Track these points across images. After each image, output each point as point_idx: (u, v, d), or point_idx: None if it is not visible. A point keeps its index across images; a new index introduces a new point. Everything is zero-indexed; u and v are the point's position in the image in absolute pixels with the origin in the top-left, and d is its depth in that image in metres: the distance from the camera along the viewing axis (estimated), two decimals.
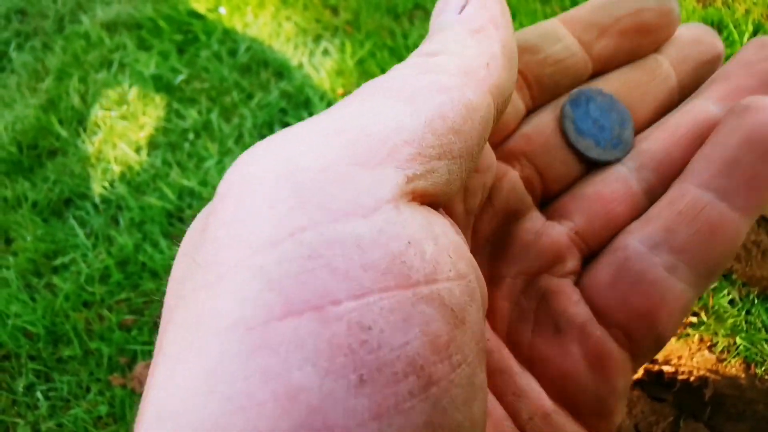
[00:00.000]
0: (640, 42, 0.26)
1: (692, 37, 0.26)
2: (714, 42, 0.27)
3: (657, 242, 0.22)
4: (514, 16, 1.61)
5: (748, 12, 1.53)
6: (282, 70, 1.59)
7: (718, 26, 1.52)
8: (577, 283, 0.24)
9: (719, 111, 0.24)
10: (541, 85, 0.26)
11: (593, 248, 0.24)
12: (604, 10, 0.25)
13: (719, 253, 0.21)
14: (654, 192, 0.24)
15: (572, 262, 0.24)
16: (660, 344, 0.22)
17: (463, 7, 0.21)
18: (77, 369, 1.10)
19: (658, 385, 1.22)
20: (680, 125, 0.24)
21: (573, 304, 0.23)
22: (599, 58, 0.26)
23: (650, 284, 0.21)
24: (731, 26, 1.48)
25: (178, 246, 0.18)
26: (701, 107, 0.24)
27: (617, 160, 0.25)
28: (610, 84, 0.27)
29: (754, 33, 1.48)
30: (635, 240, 0.22)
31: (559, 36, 0.25)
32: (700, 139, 0.23)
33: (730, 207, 0.21)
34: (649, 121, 0.27)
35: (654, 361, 1.19)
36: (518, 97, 0.26)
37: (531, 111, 0.27)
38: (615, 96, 0.26)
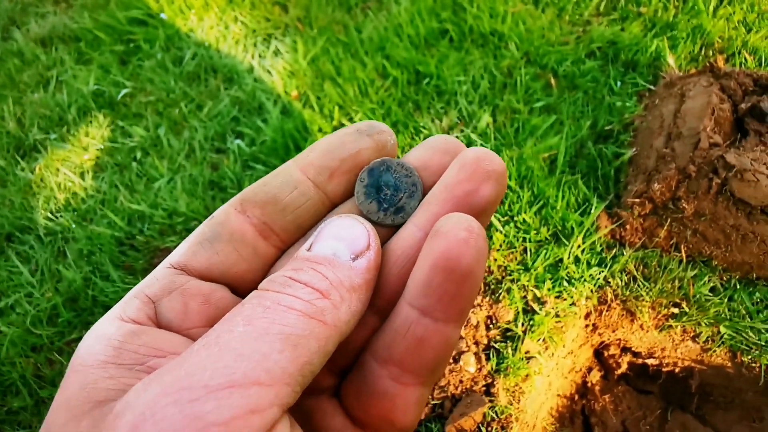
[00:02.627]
0: None
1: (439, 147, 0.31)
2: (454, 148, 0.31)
3: (384, 358, 0.27)
4: (472, 1, 1.53)
5: None
6: (232, 76, 1.50)
7: None
8: (336, 394, 0.29)
9: (423, 235, 0.28)
10: (286, 231, 0.30)
11: (343, 366, 0.29)
12: (330, 154, 0.30)
13: (431, 358, 0.26)
14: (382, 311, 0.28)
15: (327, 380, 0.29)
16: None
17: (357, 256, 0.26)
18: (29, 420, 1.02)
19: (643, 378, 1.18)
20: (395, 250, 0.28)
21: (329, 416, 0.28)
22: (334, 195, 0.31)
23: (382, 394, 0.27)
24: None
25: (131, 276, 0.30)
26: (410, 233, 0.29)
27: (395, 226, 0.30)
28: None
29: (720, 1, 1.42)
30: (370, 357, 0.27)
31: (295, 182, 0.30)
32: (410, 260, 0.28)
33: (432, 320, 0.25)
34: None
35: (638, 355, 1.15)
36: (268, 244, 0.30)
37: (283, 251, 0.31)
38: (415, 169, 0.30)
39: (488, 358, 1.03)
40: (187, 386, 0.19)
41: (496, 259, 1.12)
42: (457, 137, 1.29)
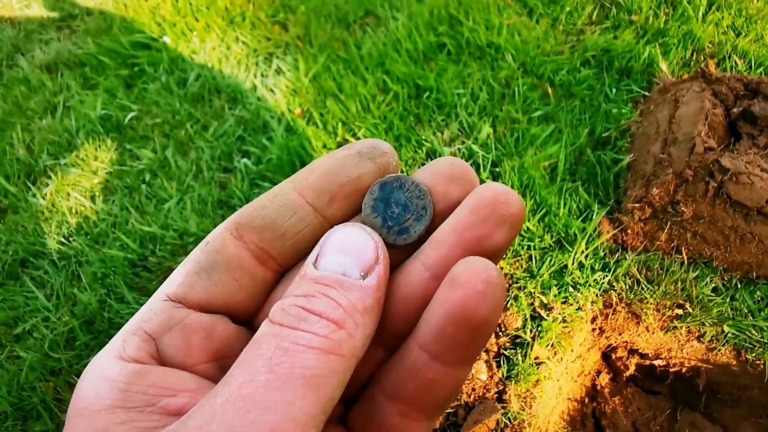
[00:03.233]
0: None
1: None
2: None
3: (393, 394, 0.27)
4: (467, 12, 1.56)
5: None
6: (235, 95, 1.53)
7: (672, 3, 1.50)
8: (343, 421, 0.29)
9: (430, 275, 0.27)
10: (284, 255, 0.29)
11: (349, 394, 0.29)
12: (330, 177, 0.29)
13: (440, 398, 0.26)
14: (387, 344, 0.28)
15: (335, 409, 0.29)
16: None
17: (367, 273, 0.26)
18: None
19: (651, 378, 1.20)
20: (401, 288, 0.28)
21: None
22: (334, 219, 0.29)
23: (391, 428, 0.27)
24: (685, 2, 1.46)
25: (146, 297, 0.26)
26: (418, 271, 0.28)
27: (395, 246, 0.29)
28: None
29: (709, 7, 1.46)
30: (379, 392, 0.28)
31: (294, 207, 0.28)
32: (416, 299, 0.27)
33: (443, 365, 0.26)
34: None
35: (645, 356, 1.17)
36: (266, 269, 0.29)
37: (281, 275, 0.30)
38: (429, 191, 0.29)
39: (499, 366, 1.05)
40: None
41: (502, 268, 1.14)
42: (459, 149, 1.33)
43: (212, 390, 0.22)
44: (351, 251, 0.26)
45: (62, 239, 1.30)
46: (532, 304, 1.11)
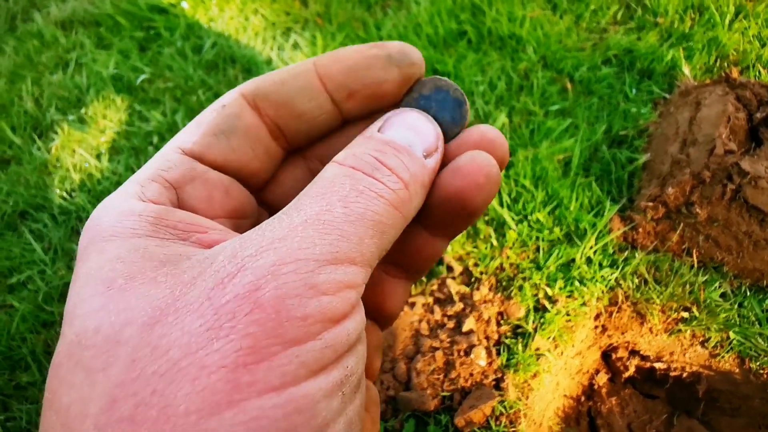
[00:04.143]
0: (382, 104, 0.29)
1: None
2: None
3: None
4: (490, 2, 1.55)
5: None
6: (250, 67, 1.51)
7: (699, 8, 1.48)
8: None
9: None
10: (296, 136, 0.29)
11: None
12: (354, 74, 0.28)
13: (423, 262, 0.30)
14: None
15: None
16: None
17: (428, 155, 0.26)
18: (37, 396, 1.02)
19: (650, 382, 1.18)
20: None
21: None
22: (348, 113, 0.29)
23: (374, 283, 0.30)
24: (712, 8, 1.44)
25: None
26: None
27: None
28: None
29: (736, 15, 1.44)
30: None
31: (313, 92, 0.28)
32: None
33: (430, 235, 0.29)
34: None
35: (645, 358, 1.15)
36: (277, 145, 0.29)
37: (291, 153, 0.31)
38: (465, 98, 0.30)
39: (498, 354, 1.03)
40: (302, 258, 0.20)
41: (508, 257, 1.12)
42: None
43: (281, 212, 0.22)
44: (417, 132, 0.26)
45: (64, 194, 1.28)
46: (536, 295, 1.09)
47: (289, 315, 0.19)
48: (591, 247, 1.11)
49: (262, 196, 0.31)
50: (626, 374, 1.17)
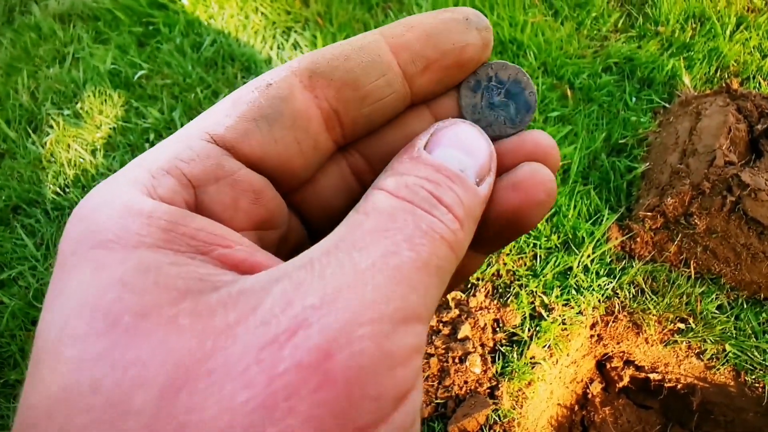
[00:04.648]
0: (458, 76, 0.25)
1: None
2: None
3: None
4: (492, 7, 1.54)
5: (729, 4, 1.49)
6: (249, 65, 1.50)
7: (700, 18, 1.48)
8: None
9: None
10: (354, 125, 0.24)
11: None
12: (433, 40, 0.24)
13: (460, 276, 0.26)
14: None
15: None
16: None
17: (481, 181, 0.23)
18: None
19: (644, 392, 1.18)
20: None
21: None
22: (419, 92, 0.25)
23: None
24: (713, 18, 1.44)
25: None
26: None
27: (502, 137, 0.26)
28: None
29: (737, 26, 1.44)
30: None
31: (384, 67, 0.23)
32: None
33: (473, 250, 0.25)
34: None
35: (640, 368, 1.15)
36: (328, 137, 0.24)
37: (341, 148, 0.26)
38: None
39: (494, 361, 1.03)
40: (377, 317, 0.17)
41: (505, 263, 1.12)
42: None
43: (334, 245, 0.19)
44: (469, 152, 0.23)
45: (58, 190, 1.26)
46: (532, 303, 1.08)
47: (364, 393, 0.16)
48: (588, 256, 1.11)
49: (296, 197, 0.26)
50: (620, 384, 1.16)
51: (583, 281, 1.09)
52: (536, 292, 1.08)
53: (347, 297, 0.17)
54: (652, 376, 1.14)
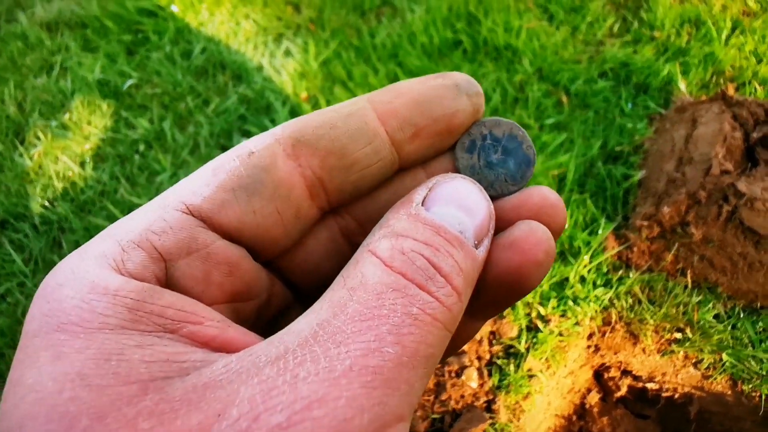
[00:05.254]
0: (449, 141, 0.25)
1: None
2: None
3: None
4: (486, 12, 1.53)
5: (725, 8, 1.48)
6: (241, 73, 1.48)
7: (696, 23, 1.47)
8: None
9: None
10: (340, 192, 0.24)
11: None
12: (422, 107, 0.23)
13: (454, 345, 0.25)
14: None
15: None
16: None
17: (479, 243, 0.22)
18: None
19: (641, 402, 1.17)
20: None
21: None
22: (408, 158, 0.24)
23: None
24: (709, 23, 1.43)
25: None
26: None
27: (503, 196, 0.26)
28: None
29: (732, 30, 1.43)
30: None
31: (370, 135, 0.23)
32: None
33: (469, 317, 0.24)
34: None
35: (638, 378, 1.14)
36: (312, 205, 0.24)
37: (327, 213, 0.25)
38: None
39: (490, 375, 1.02)
40: (351, 428, 0.16)
41: None
42: None
43: (313, 334, 0.17)
44: (469, 210, 0.22)
45: (46, 203, 1.24)
46: (529, 314, 1.07)
47: None
48: (585, 266, 1.10)
49: (280, 264, 0.25)
50: (618, 394, 1.15)
51: (579, 292, 1.08)
52: (533, 303, 1.07)
53: (316, 415, 0.16)
54: (649, 385, 1.13)
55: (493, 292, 0.23)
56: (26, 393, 0.16)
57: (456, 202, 0.22)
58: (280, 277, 0.26)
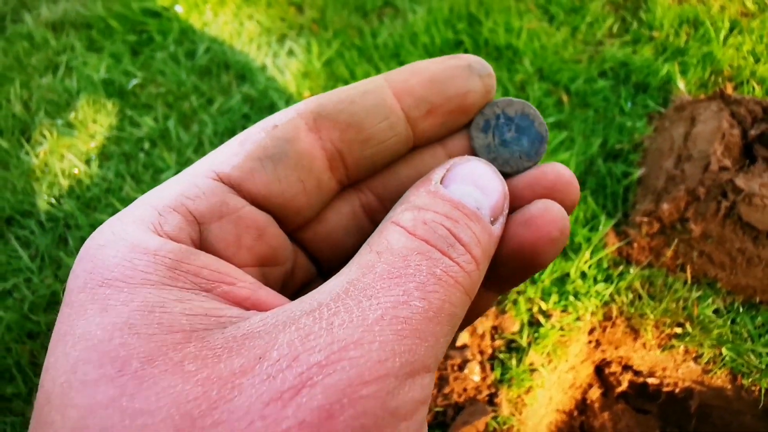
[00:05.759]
0: (462, 120, 0.26)
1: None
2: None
3: None
4: (487, 13, 1.55)
5: (723, 9, 1.50)
6: (244, 73, 1.50)
7: (694, 23, 1.49)
8: None
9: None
10: (357, 166, 0.25)
11: None
12: (436, 86, 0.25)
13: (470, 317, 0.26)
14: None
15: None
16: None
17: (495, 220, 0.24)
18: (22, 408, 0.99)
19: (642, 397, 1.18)
20: None
21: None
22: (422, 135, 0.26)
23: None
24: (707, 23, 1.45)
25: None
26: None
27: (515, 173, 0.27)
28: None
29: (731, 30, 1.45)
30: None
31: (387, 111, 0.24)
32: None
33: (485, 289, 0.26)
34: None
35: (638, 373, 1.15)
36: (332, 177, 0.25)
37: (347, 187, 0.26)
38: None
39: (492, 368, 1.03)
40: (383, 374, 0.17)
41: None
42: None
43: (344, 291, 0.18)
44: (485, 190, 0.23)
45: (52, 200, 1.25)
46: (530, 309, 1.08)
47: None
48: (586, 262, 1.11)
49: (299, 232, 0.27)
50: (619, 389, 1.16)
51: (580, 287, 1.09)
52: (534, 298, 1.09)
53: (353, 355, 0.17)
54: (650, 380, 1.14)
55: (508, 266, 0.24)
56: (77, 341, 0.18)
57: (473, 182, 0.23)
58: (304, 251, 0.27)
